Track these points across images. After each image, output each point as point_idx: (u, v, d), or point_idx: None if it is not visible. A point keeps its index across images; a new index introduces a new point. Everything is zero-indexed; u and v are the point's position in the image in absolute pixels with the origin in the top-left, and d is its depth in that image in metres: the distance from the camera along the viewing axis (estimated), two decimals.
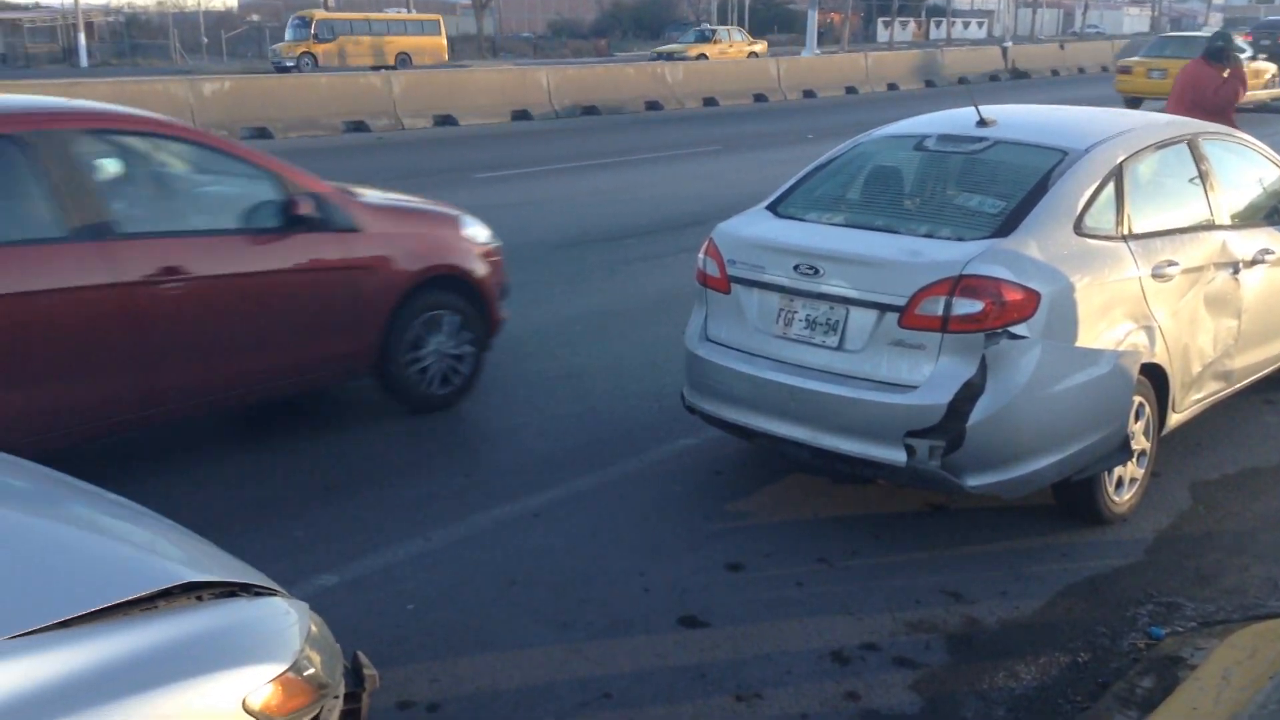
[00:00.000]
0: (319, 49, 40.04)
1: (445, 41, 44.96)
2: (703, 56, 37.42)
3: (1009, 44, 37.07)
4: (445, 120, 21.13)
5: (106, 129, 5.04)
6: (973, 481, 4.26)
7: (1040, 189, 4.55)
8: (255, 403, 5.63)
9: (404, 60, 41.17)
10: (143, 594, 2.27)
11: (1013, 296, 4.16)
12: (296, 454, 5.57)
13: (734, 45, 42.42)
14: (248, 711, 2.19)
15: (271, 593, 2.56)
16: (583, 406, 6.27)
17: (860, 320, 4.42)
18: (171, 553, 2.55)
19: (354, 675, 2.71)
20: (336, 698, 2.53)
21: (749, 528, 4.75)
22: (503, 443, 5.78)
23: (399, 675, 3.64)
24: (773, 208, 5.11)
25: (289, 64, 38.67)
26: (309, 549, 4.53)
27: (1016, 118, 5.36)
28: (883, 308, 4.33)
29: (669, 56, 36.68)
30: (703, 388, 4.96)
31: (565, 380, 6.72)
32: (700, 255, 5.08)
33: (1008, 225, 4.42)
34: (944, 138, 5.10)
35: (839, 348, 4.47)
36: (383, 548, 4.56)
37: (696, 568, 4.40)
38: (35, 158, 4.57)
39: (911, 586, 4.26)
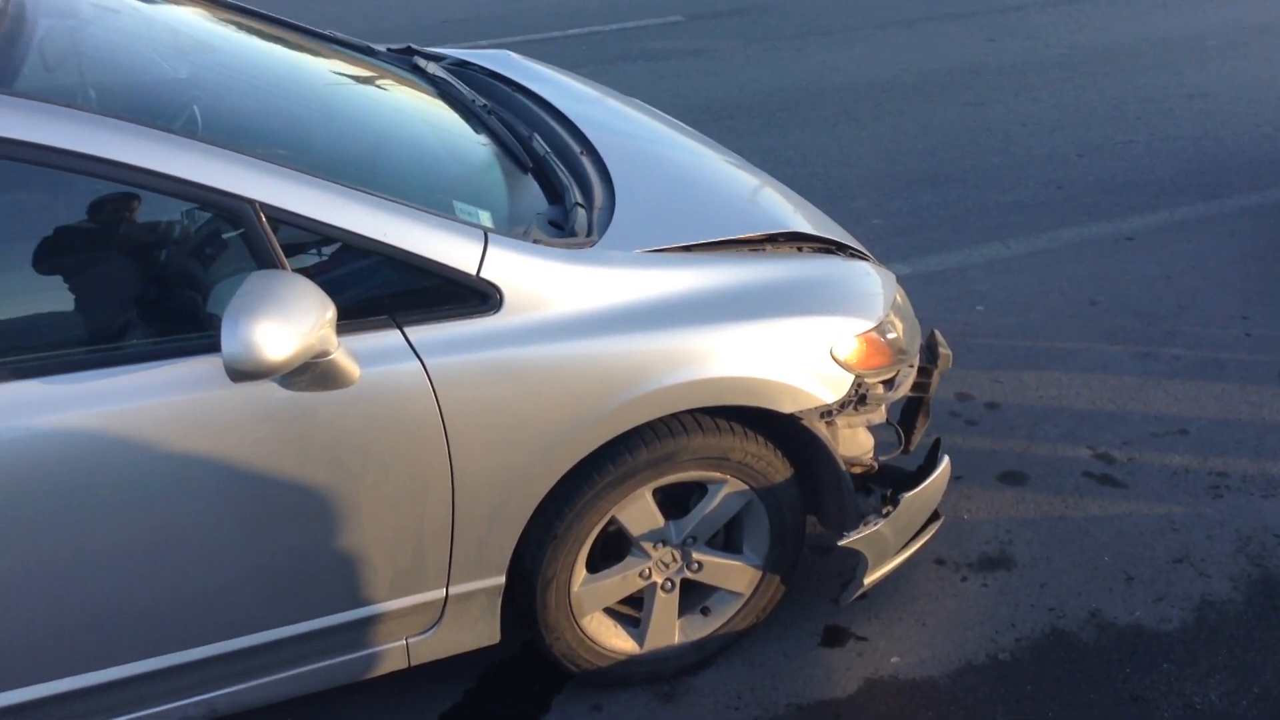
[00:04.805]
0: None
1: None
2: None
3: None
4: None
5: None
6: None
7: None
8: None
9: None
10: (753, 235, 2.43)
11: None
12: (881, 146, 5.58)
13: None
14: (833, 358, 2.31)
15: (864, 258, 2.62)
16: (1201, 130, 5.56)
17: None
18: (780, 204, 2.69)
19: (929, 352, 2.75)
20: (911, 366, 2.59)
21: None
22: (1104, 157, 5.33)
23: (961, 369, 3.66)
24: None
25: None
26: (884, 238, 4.59)
27: None
28: None
29: None
30: None
31: (1186, 100, 5.96)
32: None
33: None
34: None
35: None
36: (957, 248, 4.50)
37: None
38: None
39: None
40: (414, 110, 2.75)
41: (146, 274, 1.99)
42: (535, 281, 2.05)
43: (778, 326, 2.25)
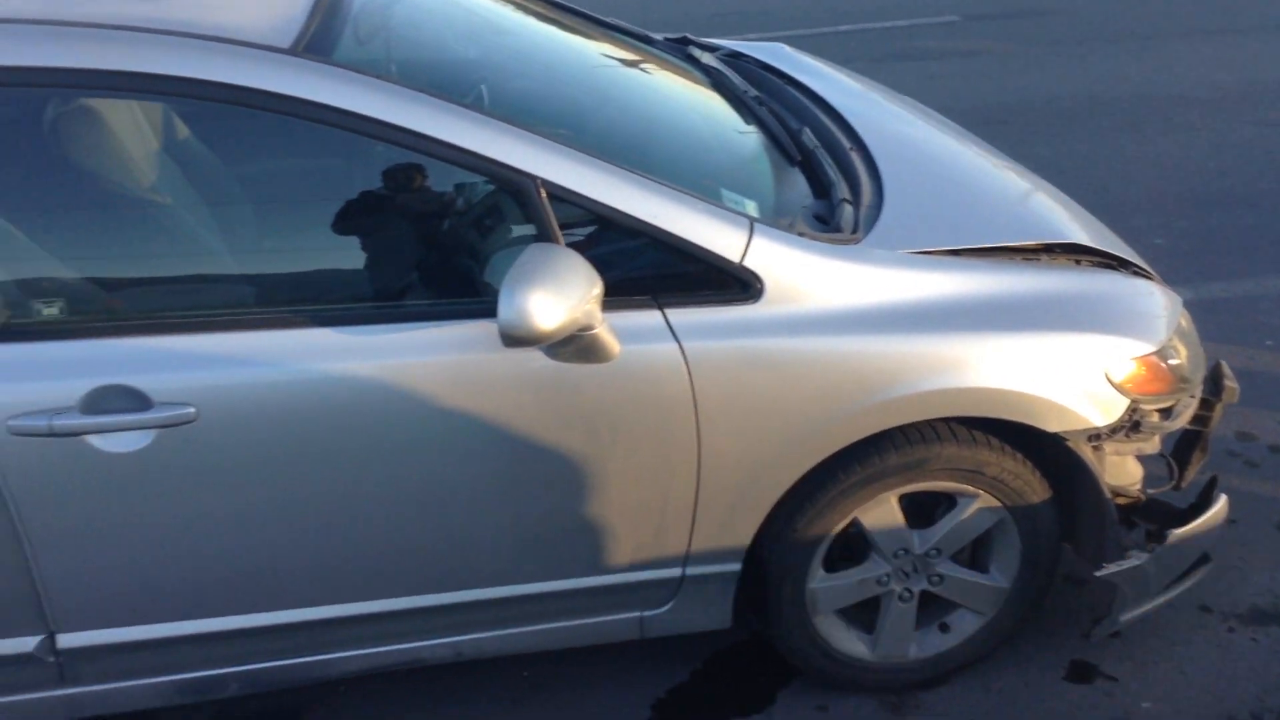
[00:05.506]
0: None
1: None
2: None
3: None
4: None
5: None
6: None
7: None
8: None
9: None
10: (1028, 244, 2.31)
11: None
12: (1168, 162, 5.21)
13: None
14: (1108, 380, 2.17)
15: (1148, 276, 2.45)
16: None
17: None
18: (1058, 213, 2.55)
19: (1212, 384, 2.55)
20: (1193, 397, 2.41)
21: None
22: None
23: (1244, 406, 3.37)
24: None
25: None
26: (1165, 259, 4.28)
27: None
28: None
29: None
30: None
31: None
32: None
33: None
34: None
35: None
36: (1248, 276, 4.15)
37: None
38: None
39: None
40: (686, 98, 2.79)
41: (430, 239, 2.11)
42: (797, 274, 2.03)
43: (1049, 341, 2.14)
